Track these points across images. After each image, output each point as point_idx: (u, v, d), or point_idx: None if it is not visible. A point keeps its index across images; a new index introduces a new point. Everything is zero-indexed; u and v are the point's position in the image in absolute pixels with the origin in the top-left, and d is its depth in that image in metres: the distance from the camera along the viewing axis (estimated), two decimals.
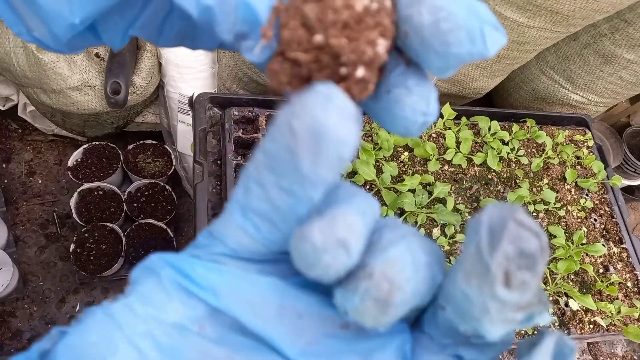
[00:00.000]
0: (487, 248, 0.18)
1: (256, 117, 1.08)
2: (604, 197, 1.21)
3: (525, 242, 0.18)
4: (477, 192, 1.12)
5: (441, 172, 1.12)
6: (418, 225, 1.02)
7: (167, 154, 1.67)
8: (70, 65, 1.28)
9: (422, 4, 0.21)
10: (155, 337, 0.20)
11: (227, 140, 1.03)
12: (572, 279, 1.08)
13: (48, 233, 1.64)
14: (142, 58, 1.33)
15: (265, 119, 1.08)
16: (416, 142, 1.11)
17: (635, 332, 0.99)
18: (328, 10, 0.21)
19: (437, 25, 0.20)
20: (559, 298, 1.04)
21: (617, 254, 1.15)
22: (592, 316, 1.04)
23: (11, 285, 1.47)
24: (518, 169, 1.16)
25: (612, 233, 1.17)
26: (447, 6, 0.20)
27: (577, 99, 1.41)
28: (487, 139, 1.16)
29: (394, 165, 1.06)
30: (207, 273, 0.21)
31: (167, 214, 1.62)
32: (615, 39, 1.22)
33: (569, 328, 1.02)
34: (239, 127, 1.08)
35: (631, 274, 1.13)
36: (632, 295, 1.10)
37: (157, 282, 0.21)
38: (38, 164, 1.72)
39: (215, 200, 1.00)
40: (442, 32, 0.20)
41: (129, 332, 0.20)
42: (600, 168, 1.22)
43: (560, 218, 1.14)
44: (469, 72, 1.30)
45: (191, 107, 1.07)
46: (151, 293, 0.21)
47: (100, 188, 1.58)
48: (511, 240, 0.18)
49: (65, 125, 1.56)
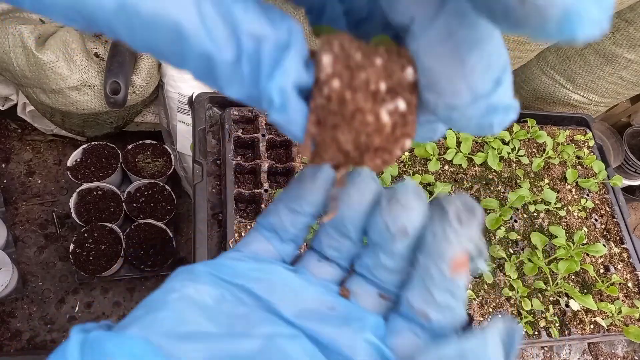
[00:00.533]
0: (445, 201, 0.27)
1: (256, 117, 1.08)
2: (605, 197, 1.22)
3: (465, 198, 0.27)
4: (477, 192, 1.12)
5: (442, 172, 1.12)
6: None
7: (166, 154, 1.67)
8: (70, 65, 1.28)
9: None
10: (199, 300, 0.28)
11: (227, 139, 1.03)
12: (573, 279, 1.08)
13: (47, 233, 1.65)
14: (141, 58, 1.33)
15: (264, 118, 1.08)
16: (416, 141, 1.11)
17: (635, 332, 0.99)
18: (361, 136, 0.24)
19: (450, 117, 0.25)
20: (560, 298, 1.04)
21: (617, 254, 1.15)
22: (593, 316, 1.04)
23: (10, 285, 1.48)
24: (519, 169, 1.16)
25: (613, 233, 1.18)
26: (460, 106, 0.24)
27: (578, 98, 1.41)
28: (487, 139, 1.16)
29: (394, 165, 1.07)
30: (231, 262, 0.30)
31: (166, 214, 1.63)
32: (616, 38, 1.22)
33: (569, 328, 1.02)
34: (239, 127, 1.08)
35: (632, 274, 1.13)
36: (633, 296, 1.11)
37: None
38: (37, 164, 1.73)
39: (214, 200, 1.00)
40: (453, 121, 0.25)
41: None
42: (601, 168, 1.22)
43: (561, 218, 1.14)
44: None
45: (191, 106, 1.07)
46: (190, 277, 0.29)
47: (99, 188, 1.58)
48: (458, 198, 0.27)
49: (64, 125, 1.56)
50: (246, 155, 1.07)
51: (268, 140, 1.06)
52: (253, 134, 1.06)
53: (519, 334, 0.26)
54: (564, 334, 1.01)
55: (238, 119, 1.08)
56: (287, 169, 1.05)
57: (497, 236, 1.08)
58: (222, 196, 0.99)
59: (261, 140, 1.05)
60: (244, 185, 1.04)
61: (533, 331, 0.99)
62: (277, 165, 1.04)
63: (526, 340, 0.99)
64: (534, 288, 1.04)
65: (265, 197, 1.00)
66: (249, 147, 1.08)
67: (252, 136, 1.06)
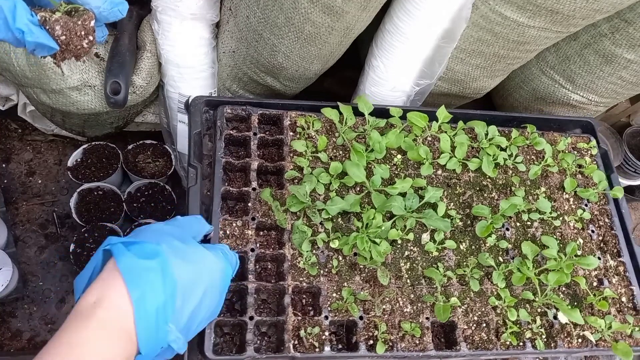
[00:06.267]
0: None
1: (249, 116, 1.12)
2: (605, 208, 1.22)
3: None
4: (470, 199, 1.14)
5: (434, 176, 1.15)
6: (407, 229, 1.05)
7: (167, 154, 1.73)
8: (70, 65, 1.32)
9: None
10: None
11: (219, 137, 1.07)
12: (564, 292, 1.10)
13: (48, 233, 1.71)
14: (142, 58, 1.36)
15: (257, 117, 1.12)
16: (409, 145, 1.14)
17: (624, 349, 1.01)
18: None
19: None
20: (548, 310, 1.07)
21: (613, 267, 1.16)
22: (582, 330, 1.06)
23: (11, 285, 1.53)
24: (514, 176, 1.18)
25: (610, 245, 1.19)
26: None
27: (578, 98, 1.43)
28: (483, 145, 1.18)
29: (385, 168, 1.10)
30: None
31: (167, 214, 1.68)
32: (616, 38, 1.24)
33: (556, 341, 1.04)
34: (232, 125, 1.12)
35: (627, 289, 1.14)
36: (626, 311, 1.12)
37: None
38: (38, 164, 1.80)
39: (208, 202, 1.04)
40: None
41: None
42: (602, 178, 1.23)
43: (556, 228, 1.16)
44: (469, 72, 1.32)
45: (187, 110, 1.11)
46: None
47: (100, 188, 1.64)
48: None
49: (65, 125, 1.61)
50: (238, 153, 1.12)
51: (260, 139, 1.11)
52: (245, 132, 1.10)
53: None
54: (550, 346, 1.03)
55: (231, 117, 1.12)
56: (278, 168, 1.09)
57: (487, 244, 1.10)
58: (212, 194, 1.04)
59: (252, 138, 1.09)
60: (234, 183, 1.08)
61: (518, 342, 1.02)
62: (267, 164, 1.08)
63: (510, 351, 1.01)
64: (522, 298, 1.07)
65: (254, 195, 1.04)
66: (241, 145, 1.12)
67: (243, 134, 1.10)
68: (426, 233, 1.09)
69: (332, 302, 0.98)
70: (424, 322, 1.01)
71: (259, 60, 1.27)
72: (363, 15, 1.12)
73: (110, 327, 0.63)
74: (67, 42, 0.75)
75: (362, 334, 0.96)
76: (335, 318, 0.97)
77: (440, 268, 1.05)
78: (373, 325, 0.98)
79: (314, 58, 1.23)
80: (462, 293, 1.05)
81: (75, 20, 0.74)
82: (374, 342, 0.96)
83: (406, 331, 0.98)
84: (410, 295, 1.03)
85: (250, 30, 1.21)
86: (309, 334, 0.94)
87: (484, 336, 1.02)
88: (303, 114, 1.14)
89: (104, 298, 0.65)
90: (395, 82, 1.30)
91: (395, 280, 1.03)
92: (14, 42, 0.71)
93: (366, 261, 1.01)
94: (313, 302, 1.00)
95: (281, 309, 0.96)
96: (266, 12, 1.13)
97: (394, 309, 1.00)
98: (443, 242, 1.08)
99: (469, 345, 1.00)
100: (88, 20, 0.75)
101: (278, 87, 1.37)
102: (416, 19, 1.15)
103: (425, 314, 1.01)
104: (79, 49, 0.77)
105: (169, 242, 0.73)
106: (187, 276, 0.70)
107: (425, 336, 0.99)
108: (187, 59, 1.35)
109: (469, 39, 1.23)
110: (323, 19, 1.09)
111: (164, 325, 0.67)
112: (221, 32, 1.33)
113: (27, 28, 0.69)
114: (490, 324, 1.03)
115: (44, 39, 0.71)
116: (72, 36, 0.74)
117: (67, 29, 0.73)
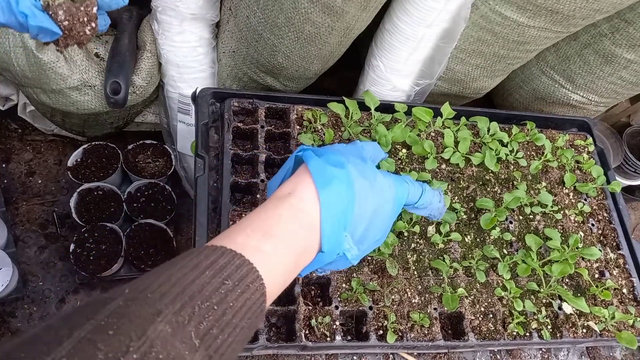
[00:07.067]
0: None
1: (255, 109, 1.14)
2: (603, 203, 1.26)
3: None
4: (473, 192, 1.17)
5: (439, 170, 1.17)
6: (413, 222, 1.08)
7: (167, 154, 1.74)
8: (70, 65, 1.33)
9: None
10: None
11: (226, 129, 1.09)
12: (567, 283, 1.13)
13: (48, 233, 1.72)
14: (142, 58, 1.37)
15: (264, 110, 1.14)
16: (414, 139, 1.16)
17: (628, 338, 1.03)
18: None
19: None
20: (553, 301, 1.09)
21: (613, 260, 1.19)
22: (586, 320, 1.08)
23: (11, 285, 1.54)
24: (516, 171, 1.21)
25: (610, 239, 1.22)
26: None
27: (577, 98, 1.45)
28: (485, 140, 1.20)
29: (391, 162, 1.12)
30: None
31: (167, 214, 1.69)
32: (616, 38, 1.26)
33: (561, 331, 1.06)
34: (238, 119, 1.13)
35: (627, 280, 1.17)
36: (627, 302, 1.15)
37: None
38: (38, 164, 1.80)
39: (215, 194, 1.06)
40: None
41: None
42: (600, 173, 1.26)
43: (557, 221, 1.19)
44: (469, 72, 1.34)
45: (194, 101, 1.13)
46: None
47: (100, 188, 1.65)
48: None
49: (65, 125, 1.61)
50: (245, 146, 1.13)
51: (267, 132, 1.12)
52: (252, 125, 1.11)
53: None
54: (556, 336, 1.05)
55: (238, 110, 1.14)
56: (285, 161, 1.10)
57: (491, 236, 1.13)
58: (220, 186, 1.05)
59: (260, 131, 1.11)
60: (242, 175, 1.10)
61: (525, 332, 1.04)
62: (274, 157, 1.10)
63: (517, 342, 1.03)
64: (527, 289, 1.09)
65: (262, 187, 1.06)
66: (248, 138, 1.14)
67: (251, 127, 1.11)
68: (432, 225, 1.11)
69: (341, 292, 0.99)
70: (432, 312, 1.02)
71: (259, 60, 1.28)
72: (363, 15, 1.14)
73: (300, 214, 0.70)
74: (70, 28, 0.77)
75: (372, 324, 0.98)
76: (345, 308, 0.98)
77: (447, 260, 1.07)
78: (382, 316, 0.99)
79: (314, 58, 1.25)
80: (469, 284, 1.07)
81: (78, 6, 0.76)
82: (384, 332, 0.98)
83: (415, 321, 1.00)
84: (417, 287, 1.04)
85: (250, 30, 1.22)
86: (320, 324, 0.95)
87: (491, 327, 1.04)
88: (310, 108, 1.16)
89: (296, 191, 0.73)
90: (395, 82, 1.32)
91: (402, 271, 1.05)
92: (17, 26, 0.72)
93: (374, 253, 1.02)
94: (322, 293, 1.02)
95: (291, 299, 0.98)
96: (266, 12, 1.14)
97: (403, 299, 1.02)
98: (449, 234, 1.10)
99: (477, 336, 1.02)
100: (90, 7, 0.77)
101: (278, 87, 1.39)
102: (416, 19, 1.17)
103: (433, 305, 1.03)
104: (82, 36, 0.79)
105: (352, 159, 0.79)
106: (365, 192, 0.75)
107: (434, 326, 1.01)
108: (187, 59, 1.36)
109: (468, 39, 1.25)
110: (323, 19, 1.11)
111: (342, 231, 0.72)
112: (221, 32, 1.34)
113: (31, 12, 0.70)
114: (497, 314, 1.06)
115: (47, 23, 0.74)
116: (75, 22, 0.76)
117: (70, 14, 0.75)
